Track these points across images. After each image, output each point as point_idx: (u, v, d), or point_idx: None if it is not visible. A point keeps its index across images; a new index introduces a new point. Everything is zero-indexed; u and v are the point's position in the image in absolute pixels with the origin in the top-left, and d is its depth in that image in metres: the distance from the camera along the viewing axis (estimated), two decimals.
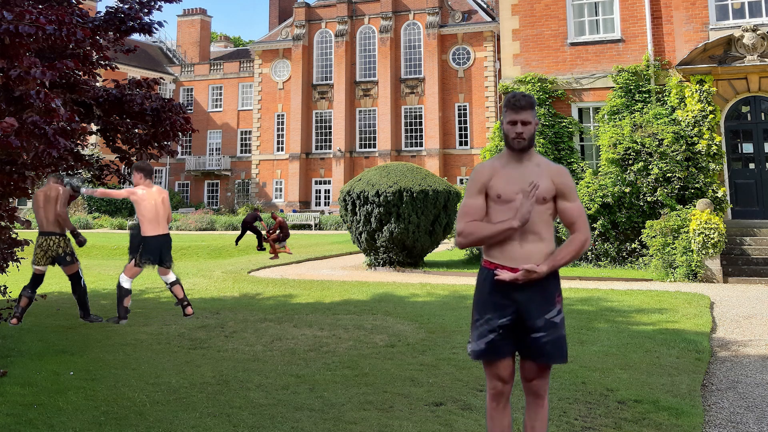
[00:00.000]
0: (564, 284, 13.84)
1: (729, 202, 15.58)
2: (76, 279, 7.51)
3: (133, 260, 7.46)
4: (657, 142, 15.40)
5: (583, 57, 17.78)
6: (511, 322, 3.38)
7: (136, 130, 7.90)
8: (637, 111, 16.52)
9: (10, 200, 7.09)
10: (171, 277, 7.79)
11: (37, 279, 7.39)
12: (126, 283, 7.52)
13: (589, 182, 16.06)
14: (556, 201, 3.45)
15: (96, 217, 41.52)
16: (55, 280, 11.69)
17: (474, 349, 3.44)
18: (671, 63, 16.66)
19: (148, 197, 7.44)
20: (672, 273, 13.77)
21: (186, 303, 7.97)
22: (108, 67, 8.12)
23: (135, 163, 7.70)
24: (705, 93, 15.68)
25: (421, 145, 43.94)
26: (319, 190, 46.10)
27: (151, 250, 7.42)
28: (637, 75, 16.88)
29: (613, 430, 4.62)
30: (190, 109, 50.31)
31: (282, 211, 40.81)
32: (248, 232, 22.96)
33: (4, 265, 7.74)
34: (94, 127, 8.18)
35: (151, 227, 7.37)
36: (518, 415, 4.47)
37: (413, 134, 44.43)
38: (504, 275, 3.33)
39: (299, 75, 46.40)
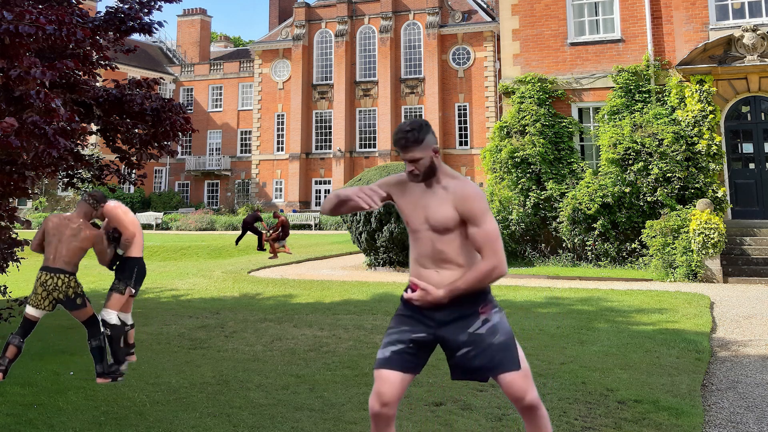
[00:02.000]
0: (564, 284, 13.84)
1: (729, 202, 15.57)
2: (92, 324, 5.84)
3: (128, 288, 6.13)
4: (657, 142, 15.39)
5: (583, 57, 17.78)
6: (426, 339, 3.21)
7: (136, 130, 7.89)
8: (637, 111, 16.51)
9: (10, 200, 7.09)
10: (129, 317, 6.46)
11: (28, 325, 5.77)
12: (116, 319, 6.08)
13: (589, 182, 16.06)
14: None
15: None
16: None
17: (378, 357, 3.25)
18: (671, 63, 16.66)
19: (131, 214, 6.36)
20: (672, 273, 13.76)
21: (131, 352, 6.53)
22: (108, 67, 8.12)
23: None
24: (705, 93, 15.67)
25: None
26: (319, 190, 46.08)
27: (143, 274, 6.29)
28: (637, 75, 16.87)
29: (613, 430, 4.62)
30: (190, 109, 50.29)
31: (282, 210, 40.79)
32: (248, 233, 22.95)
33: (4, 265, 7.75)
34: (94, 127, 8.17)
35: (138, 249, 6.26)
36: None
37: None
38: (409, 293, 3.21)
39: (299, 75, 46.39)
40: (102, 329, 5.90)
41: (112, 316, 6.03)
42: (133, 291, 6.13)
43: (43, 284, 5.71)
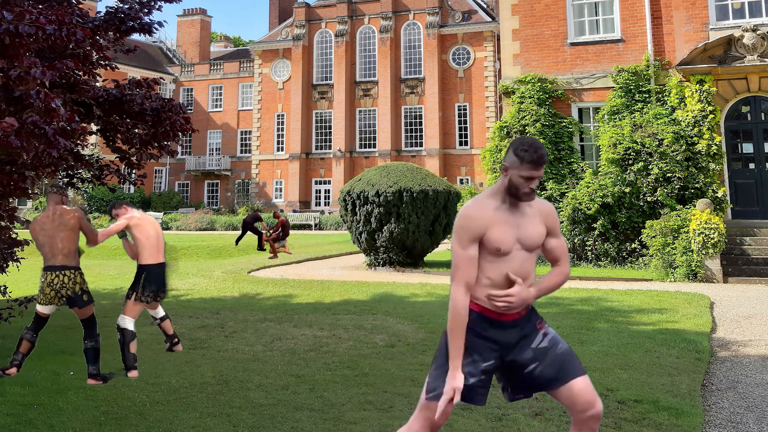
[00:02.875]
0: (564, 284, 13.75)
1: (729, 202, 15.57)
2: (91, 324, 5.93)
3: (134, 295, 6.35)
4: (657, 142, 15.39)
5: (583, 57, 17.78)
6: (494, 367, 3.17)
7: (136, 130, 7.88)
8: (637, 111, 16.52)
9: (10, 200, 7.09)
10: (160, 311, 6.88)
11: (40, 321, 6.03)
12: (130, 325, 6.27)
13: (589, 182, 16.06)
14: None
15: (95, 217, 41.52)
16: None
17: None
18: (671, 63, 16.66)
19: (146, 222, 6.65)
20: (672, 273, 13.76)
21: (176, 340, 7.02)
22: (108, 67, 8.11)
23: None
24: (705, 93, 15.67)
25: (421, 145, 43.92)
26: (319, 190, 46.09)
27: (155, 281, 6.46)
28: (637, 75, 16.87)
29: (613, 430, 4.62)
30: (190, 109, 50.29)
31: (282, 210, 40.79)
32: (248, 233, 22.95)
33: (4, 265, 7.75)
34: (94, 127, 8.17)
35: (151, 255, 6.48)
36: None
37: (413, 134, 44.42)
38: (499, 302, 3.10)
39: (299, 75, 46.39)
40: (97, 333, 6.03)
41: (125, 321, 6.25)
42: (139, 297, 6.33)
43: (50, 284, 5.86)
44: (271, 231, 20.26)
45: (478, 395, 3.13)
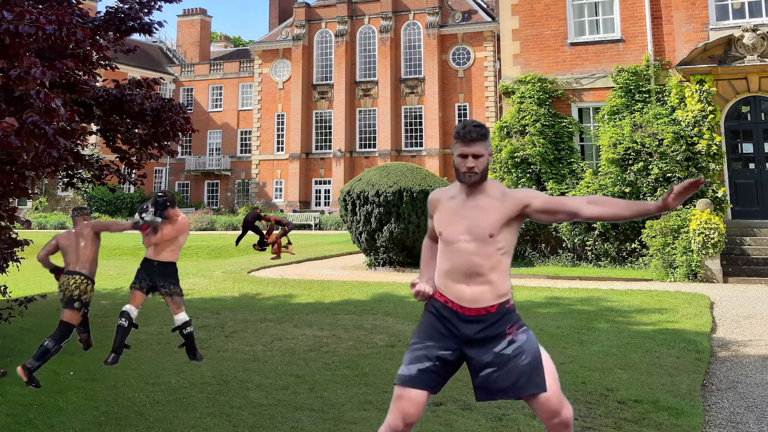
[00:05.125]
0: (564, 284, 13.81)
1: (729, 202, 15.57)
2: (63, 333, 5.83)
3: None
4: (657, 142, 15.40)
5: (583, 57, 17.78)
6: (451, 357, 3.15)
7: (136, 130, 7.89)
8: (637, 111, 16.52)
9: (10, 200, 7.09)
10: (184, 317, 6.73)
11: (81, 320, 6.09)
12: (133, 312, 6.31)
13: (589, 182, 16.06)
14: (516, 222, 3.15)
15: (96, 218, 41.52)
16: (55, 280, 11.64)
17: (402, 374, 3.16)
18: (671, 63, 16.66)
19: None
20: (672, 273, 13.76)
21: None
22: (108, 67, 8.12)
23: (166, 197, 6.56)
24: (705, 93, 15.67)
25: (421, 145, 43.91)
26: (319, 190, 46.07)
27: (171, 276, 6.42)
28: (637, 75, 16.87)
29: (613, 430, 4.62)
30: (190, 109, 50.26)
31: (282, 211, 40.81)
32: (249, 232, 22.91)
33: (4, 265, 7.75)
34: (94, 127, 8.17)
35: (173, 253, 6.40)
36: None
37: (413, 134, 44.41)
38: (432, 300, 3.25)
39: (299, 75, 46.38)
40: (61, 344, 5.85)
41: (129, 307, 6.27)
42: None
43: (60, 285, 6.10)
44: (267, 234, 20.18)
45: (431, 381, 3.12)
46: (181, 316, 6.22)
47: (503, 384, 3.07)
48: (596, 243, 15.90)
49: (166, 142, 8.09)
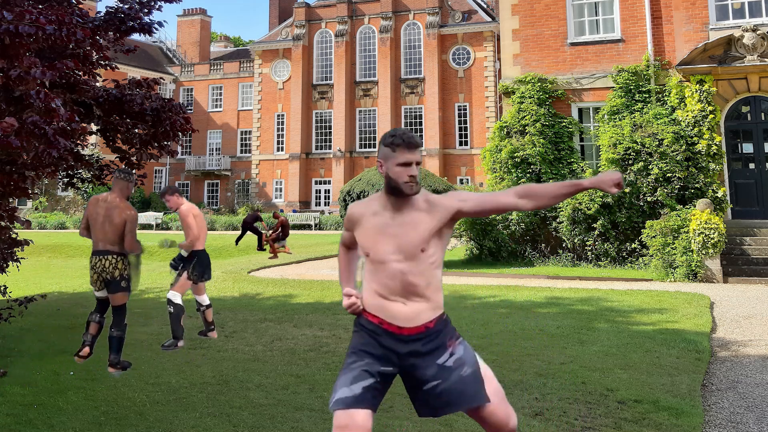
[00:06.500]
0: (564, 284, 13.79)
1: (729, 202, 15.57)
2: (121, 313, 5.95)
3: (185, 274, 6.78)
4: (657, 142, 15.40)
5: (583, 57, 17.78)
6: (393, 372, 2.99)
7: (136, 130, 7.89)
8: (637, 111, 16.52)
9: (10, 200, 7.09)
10: (206, 299, 7.19)
11: (101, 304, 6.10)
12: (178, 299, 6.72)
13: None
14: (447, 229, 3.04)
15: None
16: (55, 280, 11.69)
17: (345, 395, 2.87)
18: (671, 63, 16.66)
19: (200, 212, 6.99)
20: (672, 273, 13.76)
21: (212, 327, 7.26)
22: (108, 67, 8.12)
23: (169, 187, 6.79)
24: (705, 93, 15.67)
25: (421, 145, 43.93)
26: (319, 190, 46.08)
27: (203, 264, 6.94)
28: (637, 75, 16.87)
29: (613, 430, 4.62)
30: (190, 109, 50.26)
31: (282, 211, 40.81)
32: (248, 232, 22.95)
33: (4, 265, 7.75)
34: (94, 127, 8.18)
35: (201, 242, 6.90)
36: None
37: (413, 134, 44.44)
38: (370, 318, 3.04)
39: (299, 75, 46.39)
40: (125, 324, 6.08)
41: (175, 296, 6.71)
42: (194, 277, 6.81)
43: (93, 267, 5.96)
44: (270, 231, 20.25)
45: (374, 399, 2.93)
46: (202, 298, 7.01)
47: (447, 397, 2.95)
48: (596, 243, 15.90)
49: (166, 142, 8.09)
